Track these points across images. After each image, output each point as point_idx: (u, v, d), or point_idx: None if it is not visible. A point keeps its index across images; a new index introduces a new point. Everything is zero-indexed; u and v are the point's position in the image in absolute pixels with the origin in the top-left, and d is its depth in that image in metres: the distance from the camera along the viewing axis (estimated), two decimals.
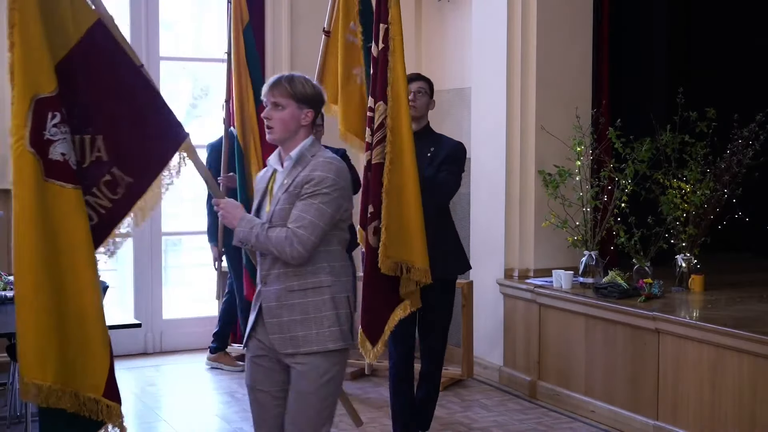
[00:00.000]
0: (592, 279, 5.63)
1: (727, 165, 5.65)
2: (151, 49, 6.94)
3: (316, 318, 3.24)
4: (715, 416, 4.57)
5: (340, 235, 3.32)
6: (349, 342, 3.34)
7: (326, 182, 3.20)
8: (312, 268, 3.24)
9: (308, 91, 3.28)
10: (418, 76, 4.60)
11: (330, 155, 3.32)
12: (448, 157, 4.45)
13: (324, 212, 3.19)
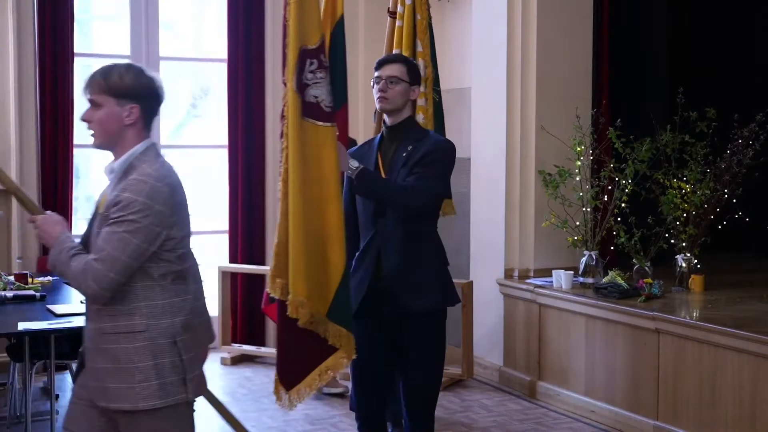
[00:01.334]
0: (592, 279, 5.63)
1: (727, 165, 5.65)
2: (151, 49, 6.94)
3: (128, 369, 2.68)
4: (715, 416, 4.57)
5: (166, 267, 2.73)
6: (178, 397, 2.77)
7: (133, 207, 2.61)
8: (125, 308, 2.68)
9: (127, 82, 2.72)
10: (393, 57, 3.85)
11: (149, 171, 2.68)
12: (423, 157, 3.57)
13: (128, 243, 2.61)
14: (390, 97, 3.63)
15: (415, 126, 3.75)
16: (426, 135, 3.72)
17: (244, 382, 6.21)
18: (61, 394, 5.78)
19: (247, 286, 7.02)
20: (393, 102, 3.63)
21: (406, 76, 3.65)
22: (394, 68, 3.66)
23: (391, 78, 3.63)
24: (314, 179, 3.46)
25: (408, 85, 3.65)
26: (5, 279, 5.31)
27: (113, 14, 7.16)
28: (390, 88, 3.62)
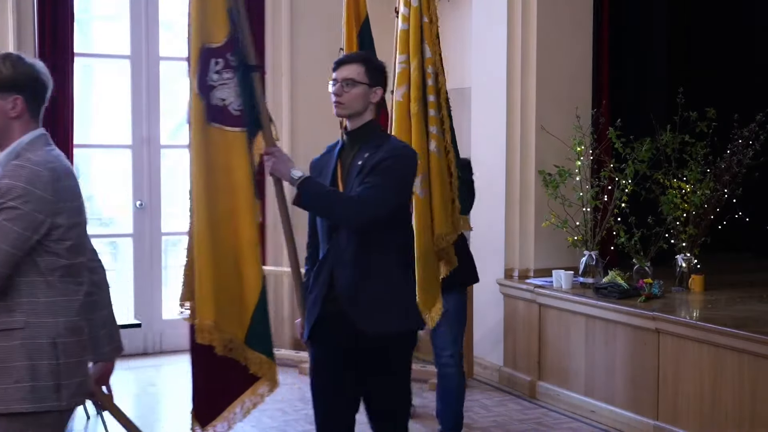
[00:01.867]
0: (592, 279, 5.63)
1: (727, 165, 5.65)
2: (151, 49, 6.94)
3: (4, 369, 2.51)
4: (715, 416, 4.57)
5: (54, 260, 2.58)
6: (49, 404, 2.55)
7: (12, 192, 2.48)
8: (5, 304, 2.52)
9: (7, 72, 2.63)
10: (349, 57, 3.46)
11: (30, 156, 2.57)
12: (376, 165, 3.24)
13: (9, 232, 2.47)
14: (345, 102, 3.30)
15: (375, 131, 3.38)
16: (386, 140, 3.38)
17: None
18: None
19: None
20: (349, 107, 3.30)
21: (365, 77, 3.31)
22: (350, 69, 3.32)
23: (346, 80, 3.30)
24: (223, 190, 3.16)
25: (367, 87, 3.31)
26: None
27: (113, 14, 7.16)
28: (345, 91, 3.29)
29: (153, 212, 6.98)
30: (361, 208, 3.19)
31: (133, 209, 6.94)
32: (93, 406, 5.12)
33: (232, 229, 3.16)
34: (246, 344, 3.20)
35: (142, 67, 6.90)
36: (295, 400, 5.79)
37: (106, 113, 7.15)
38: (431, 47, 4.27)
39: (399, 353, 3.38)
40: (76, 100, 6.48)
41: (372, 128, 3.37)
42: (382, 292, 3.27)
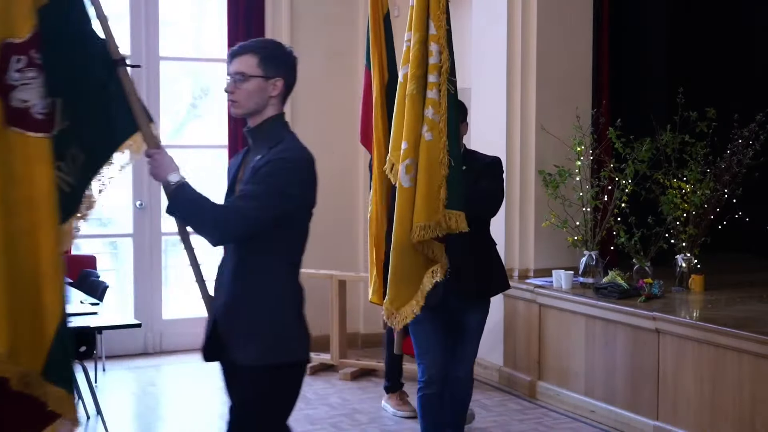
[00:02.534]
0: (592, 279, 5.63)
1: (727, 165, 5.65)
2: (151, 49, 6.94)
3: None
4: (715, 416, 4.57)
5: None
6: None
7: None
8: None
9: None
10: (241, 48, 3.01)
11: None
12: (257, 171, 2.89)
13: None
14: (238, 99, 2.94)
15: (277, 129, 2.98)
16: (281, 141, 2.94)
17: None
18: None
19: None
20: (243, 105, 2.94)
21: (258, 68, 2.92)
22: (241, 62, 2.95)
23: (237, 74, 2.93)
24: (22, 203, 2.71)
25: (262, 79, 2.93)
26: None
27: (113, 14, 7.12)
28: (237, 87, 2.93)
29: (153, 212, 6.98)
30: (226, 222, 2.85)
31: (133, 209, 6.94)
32: (93, 405, 5.13)
33: (31, 248, 2.70)
34: (44, 377, 2.73)
35: (142, 67, 6.90)
36: None
37: None
38: (436, 23, 4.00)
39: (261, 387, 2.91)
40: None
41: (274, 126, 2.98)
42: (257, 316, 2.91)
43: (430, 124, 3.92)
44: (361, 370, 6.37)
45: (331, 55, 7.16)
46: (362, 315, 7.23)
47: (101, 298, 5.45)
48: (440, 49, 4.05)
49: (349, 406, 5.63)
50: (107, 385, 6.11)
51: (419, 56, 3.99)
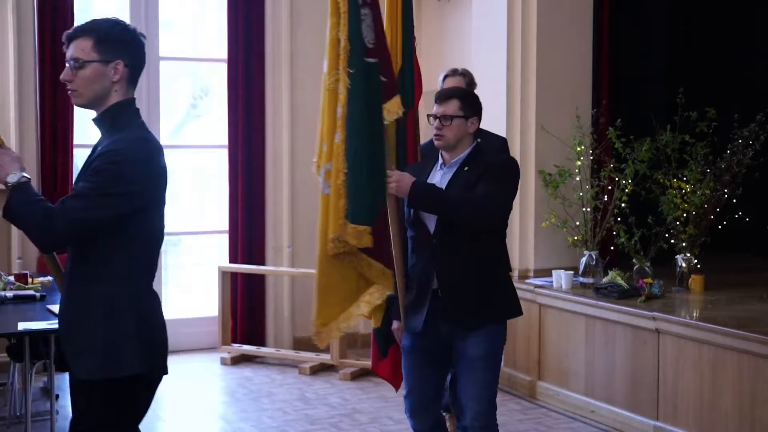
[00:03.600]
0: (592, 279, 5.63)
1: (727, 165, 5.65)
2: (151, 49, 6.93)
3: None
4: (715, 416, 4.57)
5: None
6: None
7: None
8: None
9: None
10: (75, 31, 2.79)
11: None
12: (86, 170, 2.68)
13: None
14: (77, 88, 2.70)
15: (119, 118, 2.72)
16: (120, 132, 2.69)
17: (244, 382, 6.21)
18: (61, 394, 5.78)
19: (247, 286, 7.02)
20: (83, 94, 2.71)
21: (94, 52, 2.68)
22: (76, 47, 2.72)
23: (72, 60, 2.70)
24: None
25: (100, 64, 2.68)
26: (5, 279, 5.31)
27: (113, 14, 7.13)
28: (75, 75, 2.69)
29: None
30: (51, 225, 2.55)
31: None
32: None
33: None
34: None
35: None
36: (295, 400, 5.79)
37: None
38: (342, 7, 3.58)
39: (97, 402, 2.68)
40: None
41: (118, 114, 2.71)
42: (89, 330, 2.66)
43: (338, 123, 3.59)
44: (361, 370, 6.37)
45: None
46: None
47: None
48: (342, 37, 3.59)
49: (349, 406, 5.63)
50: None
51: (334, 47, 3.61)
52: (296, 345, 7.03)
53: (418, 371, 3.71)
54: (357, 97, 3.57)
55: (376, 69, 3.65)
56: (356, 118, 3.56)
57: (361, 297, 3.69)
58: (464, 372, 3.62)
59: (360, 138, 3.56)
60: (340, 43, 3.59)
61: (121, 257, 2.68)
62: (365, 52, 3.61)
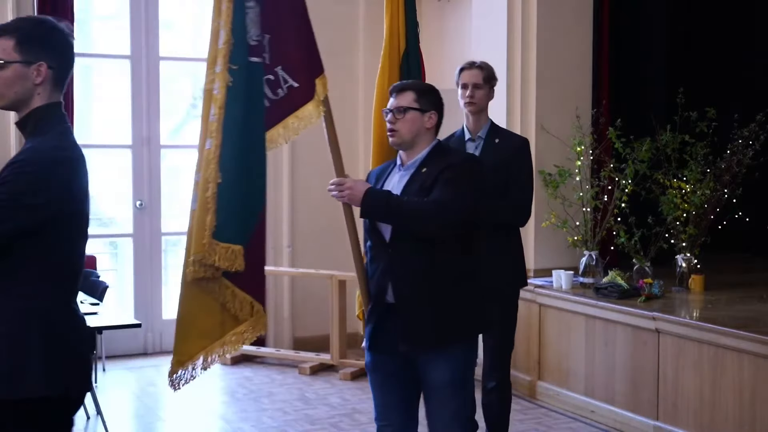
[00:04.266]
0: (592, 279, 5.63)
1: (727, 165, 5.65)
2: (151, 49, 6.93)
3: None
4: (715, 416, 4.57)
5: None
6: None
7: None
8: None
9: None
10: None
11: None
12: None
13: None
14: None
15: (40, 122, 2.55)
16: (38, 137, 2.53)
17: (244, 382, 6.21)
18: None
19: None
20: (4, 96, 2.52)
21: (16, 53, 2.50)
22: None
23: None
24: None
25: (21, 65, 2.51)
26: None
27: (113, 14, 7.16)
28: None
29: (153, 212, 6.98)
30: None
31: (133, 209, 6.94)
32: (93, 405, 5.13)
33: None
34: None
35: (142, 67, 6.90)
36: (295, 400, 5.79)
37: (106, 113, 7.15)
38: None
39: (7, 427, 2.46)
40: (76, 100, 6.48)
41: (40, 118, 2.54)
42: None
43: (211, 127, 3.25)
44: (361, 370, 6.37)
45: (331, 54, 7.11)
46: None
47: (101, 298, 5.45)
48: (224, 30, 3.29)
49: (349, 406, 5.63)
50: (107, 385, 6.12)
51: (214, 46, 3.36)
52: (296, 345, 7.03)
53: (381, 396, 3.38)
54: (237, 98, 3.24)
55: (258, 69, 3.30)
56: (234, 122, 3.20)
57: (227, 335, 3.28)
58: (430, 399, 3.31)
59: (238, 145, 3.19)
60: (221, 36, 3.25)
61: (28, 272, 2.48)
62: (248, 49, 3.27)
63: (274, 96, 3.40)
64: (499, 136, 4.26)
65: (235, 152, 3.19)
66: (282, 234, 7.11)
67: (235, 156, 3.19)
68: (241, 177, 3.20)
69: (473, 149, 4.21)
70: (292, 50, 3.42)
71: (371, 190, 3.25)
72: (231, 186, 3.16)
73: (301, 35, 3.47)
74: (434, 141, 3.39)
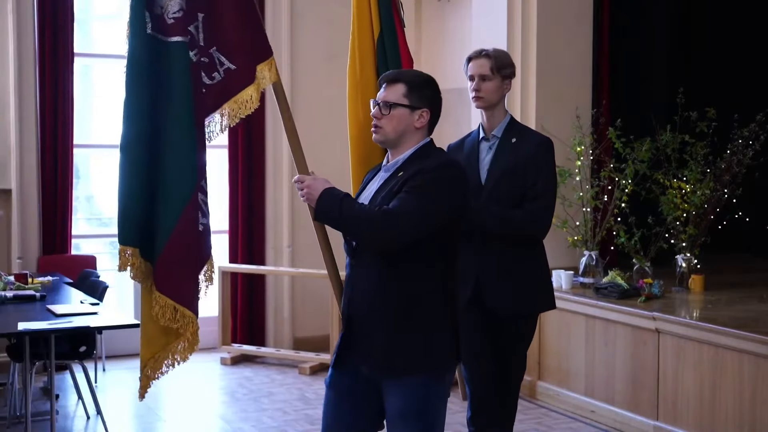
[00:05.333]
0: (592, 279, 5.63)
1: (727, 165, 5.65)
2: None
3: None
4: (715, 416, 4.57)
5: None
6: None
7: None
8: None
9: None
10: None
11: None
12: None
13: None
14: None
15: None
16: None
17: (244, 382, 6.21)
18: (61, 394, 5.79)
19: (247, 286, 7.02)
20: None
21: None
22: None
23: None
24: None
25: None
26: (5, 279, 5.31)
27: (113, 14, 7.16)
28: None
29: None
30: None
31: None
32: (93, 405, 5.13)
33: None
34: None
35: None
36: (295, 400, 5.79)
37: (106, 113, 7.15)
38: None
39: None
40: (76, 100, 6.48)
41: None
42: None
43: None
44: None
45: (330, 55, 7.16)
46: None
47: (101, 298, 5.45)
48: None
49: None
50: (107, 385, 6.12)
51: None
52: (296, 345, 7.03)
53: (333, 417, 2.99)
54: (140, 74, 2.95)
55: (179, 49, 2.99)
56: (138, 106, 2.93)
57: (169, 347, 3.21)
58: (389, 429, 2.94)
59: (140, 132, 2.95)
60: None
61: None
62: (158, 26, 3.00)
63: (210, 81, 3.11)
64: (517, 135, 3.62)
65: (137, 143, 2.95)
66: (282, 234, 7.11)
67: (135, 144, 2.95)
68: (142, 172, 2.95)
69: (487, 150, 3.63)
70: (229, 31, 3.14)
71: (326, 192, 2.89)
72: (131, 180, 2.95)
73: (243, 16, 3.17)
74: (423, 141, 2.96)
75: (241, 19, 3.16)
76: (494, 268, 3.53)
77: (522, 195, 3.52)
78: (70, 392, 5.74)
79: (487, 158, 3.62)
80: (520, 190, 3.52)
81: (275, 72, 3.28)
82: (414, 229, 2.78)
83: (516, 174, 3.52)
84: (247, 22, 3.19)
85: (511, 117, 3.69)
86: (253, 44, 3.23)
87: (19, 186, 6.38)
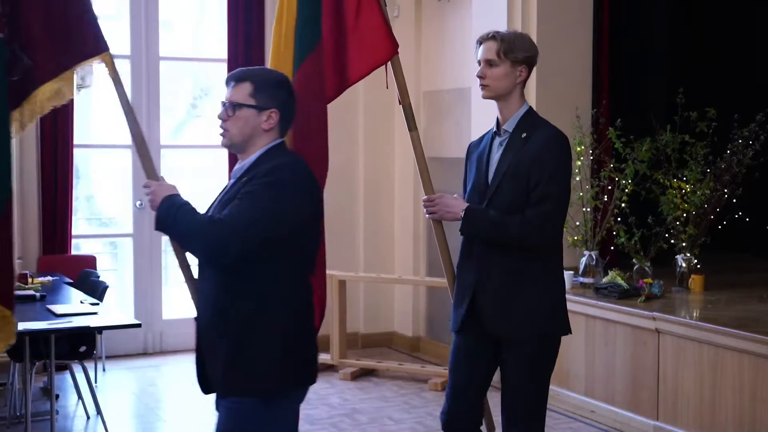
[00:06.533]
0: (592, 279, 5.63)
1: (727, 165, 5.65)
2: (151, 49, 6.94)
3: None
4: (715, 416, 4.57)
5: None
6: None
7: None
8: None
9: None
10: None
11: None
12: None
13: None
14: None
15: None
16: None
17: None
18: (61, 394, 5.79)
19: None
20: None
21: None
22: None
23: None
24: None
25: None
26: None
27: (113, 14, 7.16)
28: None
29: (153, 212, 6.96)
30: None
31: (133, 209, 6.94)
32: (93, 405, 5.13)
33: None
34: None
35: (142, 67, 6.90)
36: None
37: (106, 113, 7.15)
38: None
39: None
40: (76, 100, 6.48)
41: None
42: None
43: None
44: (361, 370, 6.37)
45: None
46: (362, 315, 7.22)
47: (101, 298, 5.46)
48: None
49: (349, 406, 5.63)
50: (107, 385, 6.11)
51: None
52: None
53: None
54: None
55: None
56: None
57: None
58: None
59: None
60: None
61: None
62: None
63: (11, 76, 2.98)
64: (528, 130, 3.22)
65: None
66: None
67: None
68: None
69: (497, 147, 3.27)
70: (33, 26, 2.99)
71: (167, 199, 2.74)
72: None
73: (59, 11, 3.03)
74: (272, 143, 2.77)
75: (54, 14, 3.01)
76: (494, 284, 3.26)
77: (527, 199, 3.17)
78: (70, 392, 5.74)
79: (496, 156, 3.26)
80: (524, 193, 3.17)
81: (112, 68, 3.16)
82: (241, 239, 2.58)
83: (518, 174, 3.16)
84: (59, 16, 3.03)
85: (529, 109, 3.30)
86: (62, 38, 3.05)
87: (19, 186, 6.38)
